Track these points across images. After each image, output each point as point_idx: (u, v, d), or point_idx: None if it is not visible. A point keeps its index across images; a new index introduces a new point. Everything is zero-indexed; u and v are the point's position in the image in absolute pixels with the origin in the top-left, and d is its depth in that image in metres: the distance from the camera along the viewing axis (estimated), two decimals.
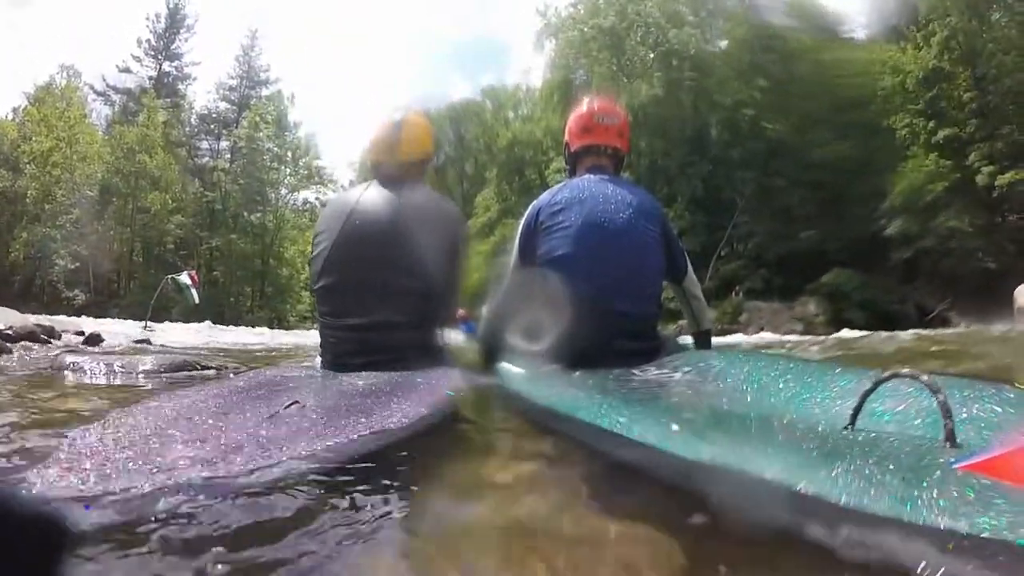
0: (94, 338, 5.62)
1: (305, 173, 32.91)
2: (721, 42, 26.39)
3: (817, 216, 20.15)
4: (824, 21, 26.58)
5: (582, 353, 1.68)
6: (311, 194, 33.68)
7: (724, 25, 26.13)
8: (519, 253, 1.95)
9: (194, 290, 10.57)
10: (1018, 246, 19.41)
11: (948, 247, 19.91)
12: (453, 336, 2.11)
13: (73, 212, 27.11)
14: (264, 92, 34.07)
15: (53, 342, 4.88)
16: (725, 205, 23.13)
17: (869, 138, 22.15)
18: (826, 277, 19.51)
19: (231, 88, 34.13)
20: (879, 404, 0.70)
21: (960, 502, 0.47)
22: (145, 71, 32.86)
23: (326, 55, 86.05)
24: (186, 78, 33.83)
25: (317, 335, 1.90)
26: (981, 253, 19.93)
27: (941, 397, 0.58)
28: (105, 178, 28.43)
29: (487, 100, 36.45)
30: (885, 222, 20.20)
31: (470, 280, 2.29)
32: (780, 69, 22.85)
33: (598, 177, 1.95)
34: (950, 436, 0.57)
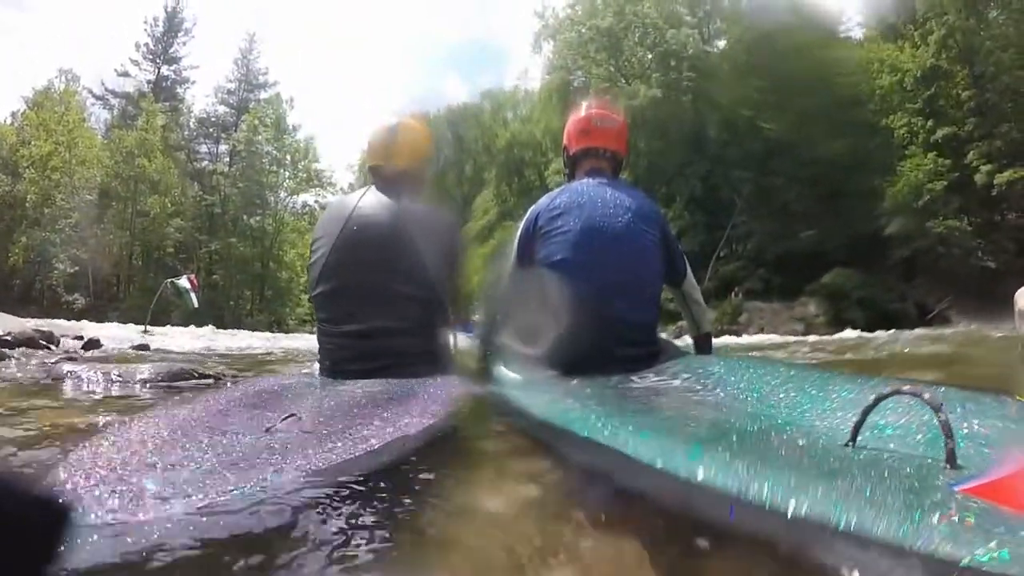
0: (93, 343, 5.62)
1: (304, 176, 32.89)
2: (719, 42, 26.42)
3: (816, 216, 20.15)
4: (822, 20, 26.59)
5: (581, 359, 1.67)
6: (310, 197, 33.69)
7: (722, 25, 26.15)
8: (517, 257, 1.94)
9: (193, 294, 10.56)
10: (1017, 244, 19.43)
11: (947, 246, 19.92)
12: (455, 339, 2.09)
13: (72, 216, 27.11)
14: (263, 95, 34.10)
15: (52, 348, 4.88)
16: (724, 205, 23.14)
17: (867, 137, 22.16)
18: (826, 277, 19.49)
19: (230, 91, 34.17)
20: (880, 418, 0.70)
21: (961, 529, 0.46)
22: (144, 75, 32.94)
23: (324, 58, 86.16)
24: (185, 82, 33.91)
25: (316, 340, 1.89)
26: (980, 252, 19.95)
27: (942, 416, 0.57)
28: (104, 182, 28.44)
29: (485, 103, 36.48)
30: (884, 221, 20.21)
31: (469, 283, 2.29)
32: (778, 68, 22.84)
33: (597, 181, 1.94)
34: (951, 456, 0.56)
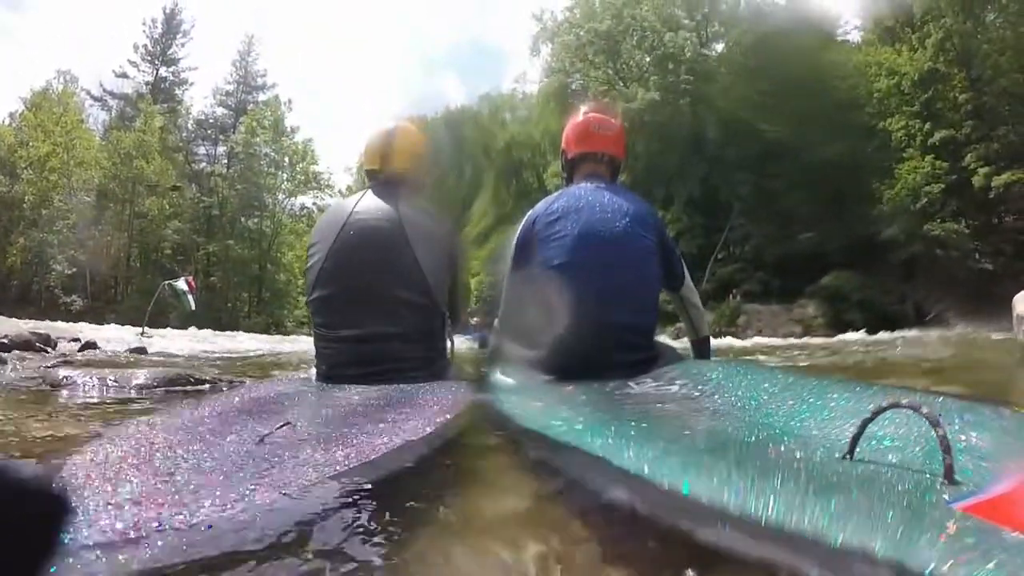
0: (90, 346, 5.61)
1: (302, 178, 32.87)
2: (717, 45, 26.49)
3: (815, 218, 20.17)
4: (819, 23, 26.67)
5: (578, 364, 1.67)
6: (308, 199, 33.70)
7: (720, 28, 26.23)
8: (514, 262, 1.93)
9: (191, 296, 10.54)
10: (1015, 247, 19.48)
11: (945, 248, 19.97)
12: (452, 344, 2.09)
13: (70, 217, 27.10)
14: (261, 97, 34.15)
15: (49, 351, 4.86)
16: (722, 207, 23.17)
17: (865, 140, 22.22)
18: (825, 279, 19.52)
19: (228, 93, 34.20)
20: (879, 429, 0.70)
21: (959, 549, 0.45)
22: (142, 76, 32.97)
23: (322, 60, 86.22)
24: (183, 83, 33.94)
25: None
26: (978, 254, 20.00)
27: (941, 431, 0.57)
28: (102, 183, 28.43)
29: (483, 107, 36.54)
30: (883, 224, 20.25)
31: (468, 287, 2.29)
32: (776, 71, 22.90)
33: (595, 185, 1.93)
34: (948, 472, 0.56)
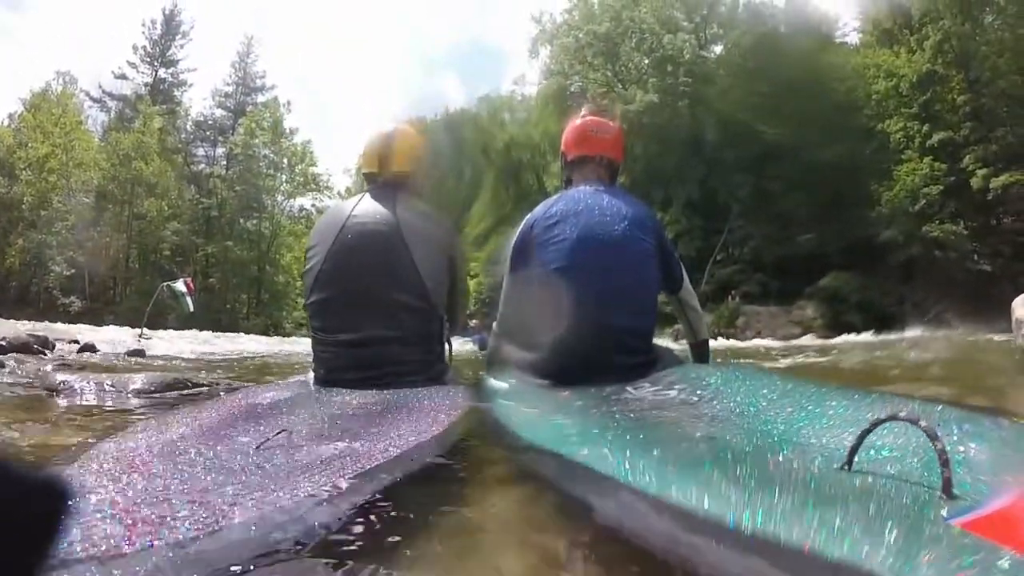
0: (88, 348, 5.60)
1: (301, 180, 32.85)
2: (716, 47, 26.54)
3: (813, 220, 20.21)
4: (818, 25, 26.73)
5: (576, 368, 1.67)
6: (307, 201, 33.67)
7: (718, 30, 26.28)
8: (511, 267, 1.93)
9: (189, 298, 10.52)
10: (1013, 248, 19.52)
11: (944, 250, 20.01)
12: (451, 348, 2.08)
13: (69, 218, 27.08)
14: (260, 99, 34.14)
15: (47, 353, 4.85)
16: (721, 209, 23.19)
17: (864, 141, 22.27)
18: (824, 280, 19.53)
19: (227, 95, 34.19)
20: (877, 438, 0.69)
21: (956, 567, 0.45)
22: (141, 77, 32.97)
23: (322, 61, 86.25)
24: (182, 84, 33.94)
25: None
26: (976, 255, 20.04)
27: (939, 445, 0.57)
28: (101, 184, 28.42)
29: (482, 110, 36.61)
30: (882, 225, 20.29)
31: (467, 290, 2.28)
32: (775, 73, 22.94)
33: (594, 188, 1.93)
34: (947, 486, 0.56)
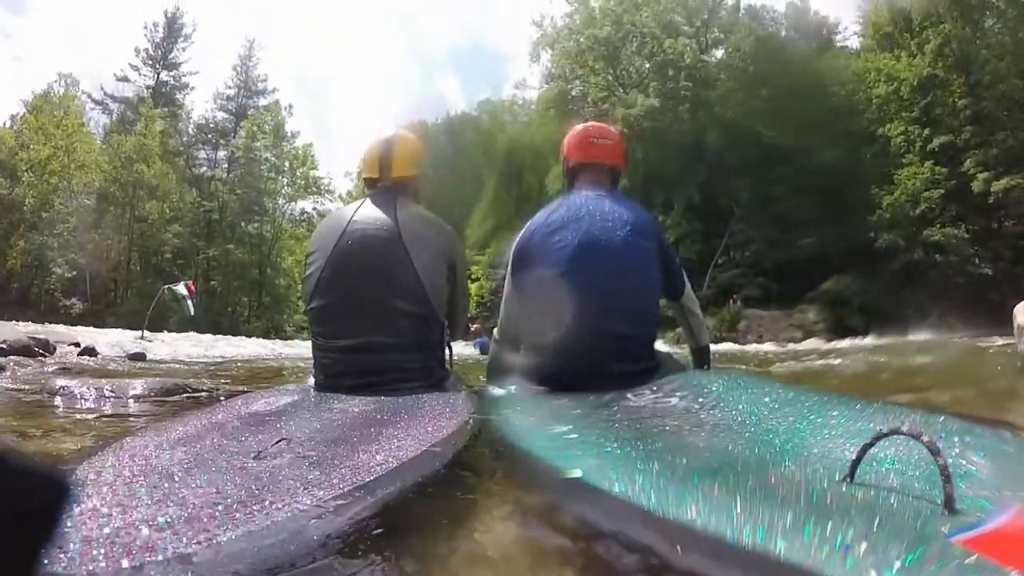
0: (89, 351, 5.60)
1: (302, 183, 32.94)
2: (717, 52, 26.61)
3: (815, 223, 20.24)
4: (819, 29, 26.80)
5: (577, 375, 1.66)
6: (308, 204, 33.77)
7: (719, 35, 26.35)
8: (512, 273, 1.93)
9: (190, 301, 10.55)
10: (1014, 252, 19.53)
11: (945, 253, 20.02)
12: (451, 353, 2.08)
13: (70, 220, 27.14)
14: (262, 102, 34.26)
15: (47, 356, 4.86)
16: (722, 212, 23.23)
17: (865, 145, 22.30)
18: (826, 284, 19.55)
19: (229, 98, 34.31)
20: (879, 450, 0.69)
21: None
22: (143, 80, 33.11)
23: (323, 64, 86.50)
24: (184, 87, 34.07)
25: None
26: (978, 259, 20.06)
27: (941, 460, 0.57)
28: (102, 187, 28.49)
29: (484, 112, 36.77)
30: (883, 229, 20.31)
31: (468, 295, 2.28)
32: (776, 77, 23.00)
33: (596, 193, 1.92)
34: (948, 501, 0.56)
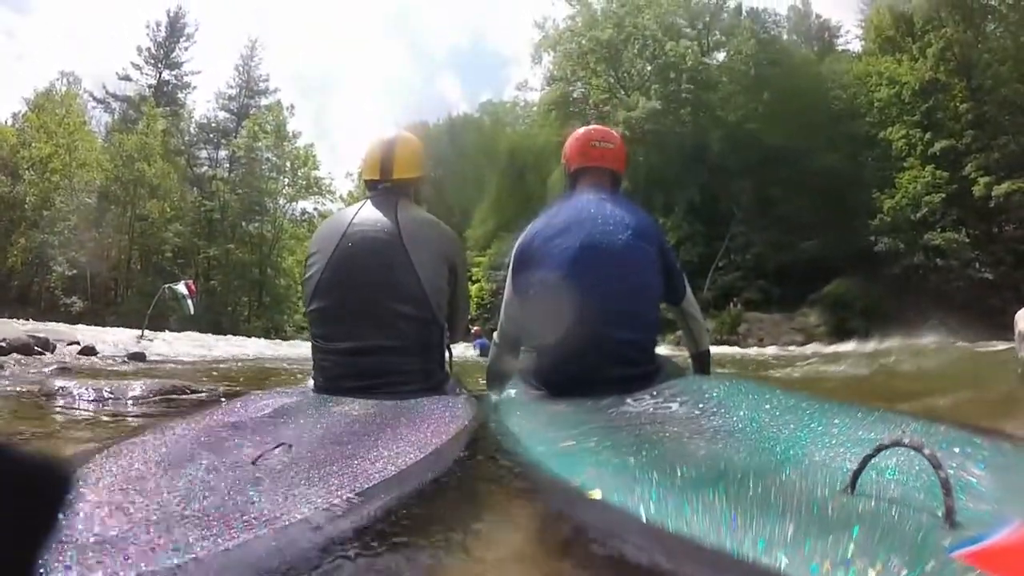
0: (88, 351, 5.60)
1: (303, 183, 32.96)
2: (718, 54, 26.62)
3: (816, 226, 20.24)
4: (821, 32, 26.84)
5: (579, 379, 1.66)
6: (309, 204, 33.81)
7: (721, 38, 26.38)
8: (513, 277, 1.92)
9: (190, 300, 10.55)
10: (1015, 256, 19.52)
11: (946, 258, 20.01)
12: (451, 356, 2.08)
13: (71, 219, 27.17)
14: (263, 102, 34.29)
15: (47, 355, 4.86)
16: (723, 215, 23.22)
17: (866, 149, 22.32)
18: (827, 287, 19.55)
19: (230, 97, 34.34)
20: (881, 460, 0.69)
21: None
22: (145, 79, 33.15)
23: (324, 65, 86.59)
24: (186, 87, 34.11)
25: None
26: (978, 264, 20.04)
27: (943, 474, 0.57)
28: (104, 185, 28.51)
29: (485, 113, 36.84)
30: (884, 233, 20.32)
31: (468, 298, 2.27)
32: (777, 80, 23.01)
33: (597, 197, 1.92)
34: (949, 514, 0.56)
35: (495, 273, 23.35)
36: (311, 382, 1.86)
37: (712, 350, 2.27)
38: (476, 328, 13.04)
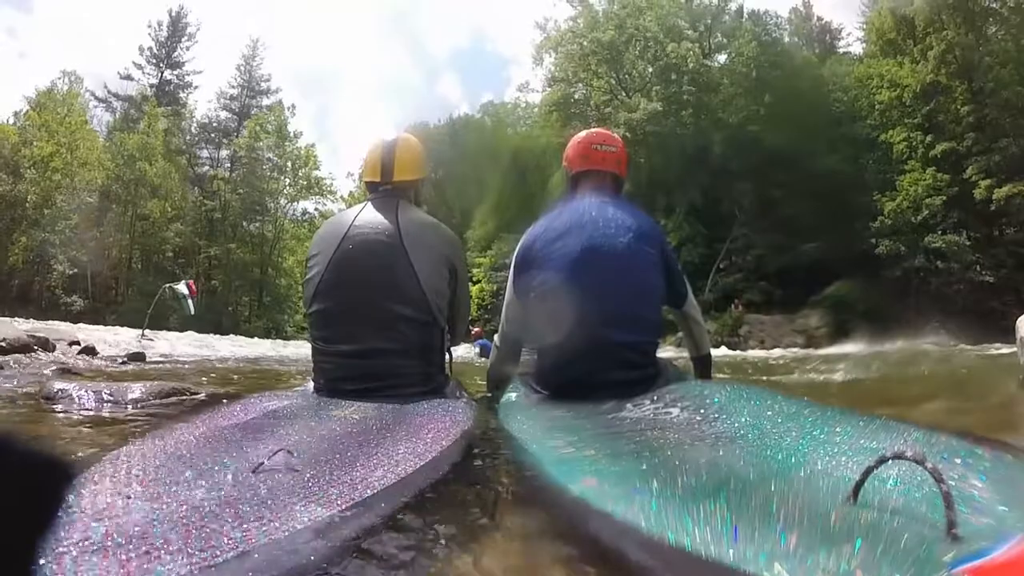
0: (89, 351, 5.59)
1: (304, 183, 32.99)
2: (720, 56, 26.63)
3: (817, 229, 20.24)
4: (822, 35, 26.86)
5: (579, 382, 1.66)
6: (310, 204, 33.87)
7: (722, 39, 26.38)
8: (514, 280, 1.92)
9: (191, 300, 10.53)
10: (1016, 259, 19.51)
11: (946, 261, 20.01)
12: (451, 359, 2.07)
13: (72, 218, 27.18)
14: (265, 102, 34.34)
15: (47, 355, 4.85)
16: (724, 217, 23.23)
17: (867, 151, 22.33)
18: (828, 289, 19.55)
19: (232, 97, 34.39)
20: (883, 470, 0.69)
21: None
22: (147, 78, 33.22)
23: (325, 65, 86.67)
24: (187, 86, 34.15)
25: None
26: (979, 267, 20.03)
27: (944, 487, 0.57)
28: (105, 184, 28.54)
29: (486, 114, 36.87)
30: (885, 235, 20.32)
31: (469, 300, 2.27)
32: (779, 82, 23.02)
33: (599, 199, 1.91)
34: (951, 527, 0.56)
35: (496, 274, 23.41)
36: (311, 383, 1.86)
37: (712, 352, 2.27)
38: (477, 328, 13.06)
